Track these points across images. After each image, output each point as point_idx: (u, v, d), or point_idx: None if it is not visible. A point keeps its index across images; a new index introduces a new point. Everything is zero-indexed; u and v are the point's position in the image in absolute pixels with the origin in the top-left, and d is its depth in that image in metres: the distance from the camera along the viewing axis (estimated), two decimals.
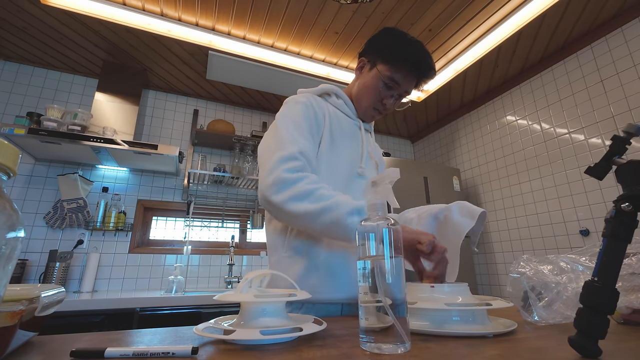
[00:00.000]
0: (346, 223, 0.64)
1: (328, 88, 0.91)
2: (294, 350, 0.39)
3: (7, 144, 0.30)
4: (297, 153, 0.71)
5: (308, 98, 0.84)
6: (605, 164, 0.40)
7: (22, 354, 0.37)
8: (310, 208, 0.65)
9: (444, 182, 2.52)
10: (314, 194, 0.66)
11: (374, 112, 0.89)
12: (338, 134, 0.85)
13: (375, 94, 0.86)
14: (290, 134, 0.74)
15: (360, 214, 0.64)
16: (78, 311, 1.48)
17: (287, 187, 0.67)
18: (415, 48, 0.82)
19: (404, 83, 0.83)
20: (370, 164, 0.91)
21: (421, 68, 0.82)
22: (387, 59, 0.83)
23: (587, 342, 0.34)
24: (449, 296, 0.53)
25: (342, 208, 0.64)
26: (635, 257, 0.55)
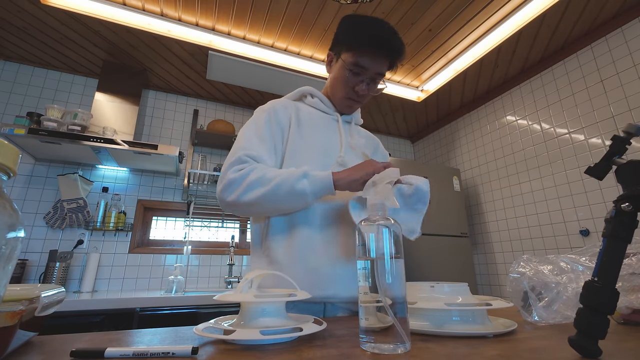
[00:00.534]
0: (298, 189, 0.70)
1: (303, 90, 0.94)
2: (294, 350, 0.39)
3: (7, 144, 0.30)
4: (244, 156, 0.75)
5: (274, 104, 0.87)
6: (605, 164, 0.40)
7: (22, 354, 0.37)
8: (263, 191, 0.71)
9: (444, 182, 2.52)
10: (263, 178, 0.71)
11: (349, 102, 0.89)
12: (310, 130, 0.86)
13: (344, 83, 0.85)
14: (245, 141, 0.79)
15: (305, 177, 0.71)
16: (78, 311, 1.48)
17: (237, 185, 0.72)
18: (373, 27, 0.80)
19: (370, 65, 0.81)
20: (352, 154, 0.90)
21: (384, 45, 0.79)
22: (348, 46, 0.82)
23: (587, 342, 0.34)
24: (449, 296, 0.53)
25: (289, 179, 0.71)
26: (635, 257, 0.55)
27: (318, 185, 0.71)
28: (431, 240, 2.31)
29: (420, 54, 2.28)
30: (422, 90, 2.68)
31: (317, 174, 0.72)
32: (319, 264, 0.74)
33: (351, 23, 0.83)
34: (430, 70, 2.47)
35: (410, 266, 2.17)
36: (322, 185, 0.71)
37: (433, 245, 2.30)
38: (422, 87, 2.65)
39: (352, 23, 0.83)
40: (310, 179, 0.71)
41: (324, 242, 0.77)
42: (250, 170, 0.73)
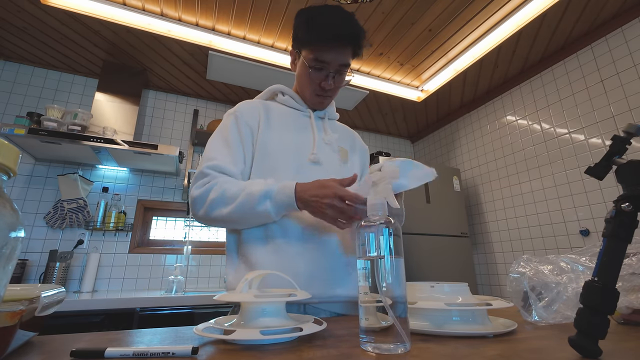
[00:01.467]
0: (259, 212, 0.69)
1: (275, 88, 0.92)
2: (294, 350, 0.39)
3: (7, 144, 0.30)
4: (206, 169, 0.75)
5: (240, 106, 0.86)
6: (606, 164, 0.40)
7: (22, 354, 0.37)
8: (228, 211, 0.70)
9: (444, 182, 2.52)
10: (223, 197, 0.70)
11: (318, 98, 0.87)
12: (280, 128, 0.84)
13: (309, 81, 0.83)
14: (211, 151, 0.79)
15: (267, 197, 0.69)
16: (78, 311, 1.48)
17: (202, 202, 0.72)
18: (326, 19, 0.76)
19: (331, 58, 0.78)
20: (327, 150, 0.87)
21: (340, 36, 0.76)
22: (306, 42, 0.80)
23: (587, 342, 0.34)
24: (449, 296, 0.53)
25: (251, 200, 0.69)
26: (635, 257, 0.55)
27: (282, 208, 0.69)
28: (431, 240, 2.30)
29: (420, 54, 2.28)
30: (422, 90, 2.68)
31: (280, 196, 0.68)
32: (297, 266, 0.72)
33: (304, 18, 0.80)
34: (430, 70, 2.47)
35: (410, 266, 2.17)
36: (286, 207, 0.69)
37: (433, 245, 2.30)
38: (422, 87, 2.65)
39: (305, 18, 0.80)
40: (272, 201, 0.69)
41: (301, 243, 0.75)
42: (211, 187, 0.72)
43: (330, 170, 0.85)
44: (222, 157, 0.77)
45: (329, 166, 0.85)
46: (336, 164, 0.88)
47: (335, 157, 0.88)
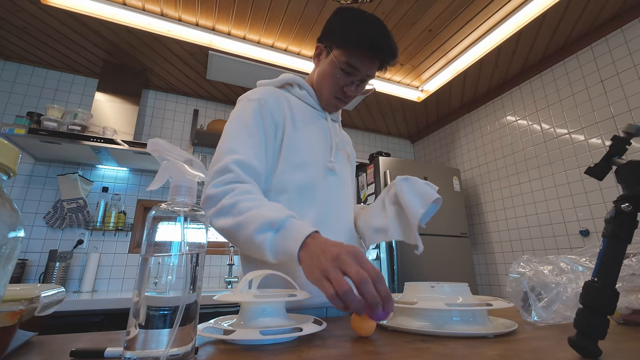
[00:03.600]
0: (255, 242, 0.56)
1: (290, 78, 0.85)
2: (294, 350, 0.39)
3: (7, 143, 0.30)
4: (231, 164, 0.66)
5: (263, 94, 0.77)
6: (605, 165, 0.40)
7: (22, 354, 0.37)
8: (228, 224, 0.60)
9: (444, 182, 2.52)
10: (235, 207, 0.60)
11: (336, 101, 0.83)
12: (303, 128, 0.78)
13: (333, 82, 0.79)
14: (232, 141, 0.70)
15: (272, 228, 0.55)
16: (78, 311, 1.47)
17: (214, 202, 0.63)
18: (371, 27, 0.74)
19: (362, 67, 0.76)
20: (341, 156, 0.85)
21: (379, 48, 0.74)
22: (341, 42, 0.76)
23: (587, 343, 0.34)
24: (449, 296, 0.53)
25: (253, 223, 0.56)
26: (635, 257, 0.55)
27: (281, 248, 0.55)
28: (431, 240, 2.30)
29: (420, 54, 2.28)
30: (422, 90, 2.68)
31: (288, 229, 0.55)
32: None
33: (347, 18, 0.77)
34: (430, 71, 2.47)
35: (410, 266, 2.17)
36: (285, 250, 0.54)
37: (433, 245, 2.30)
38: (422, 87, 2.65)
39: (348, 18, 0.76)
40: (277, 234, 0.55)
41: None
42: (229, 192, 0.63)
43: (343, 179, 0.84)
44: (245, 150, 0.69)
45: (342, 174, 0.84)
46: (347, 173, 0.88)
47: (346, 165, 0.88)
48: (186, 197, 0.37)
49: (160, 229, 0.35)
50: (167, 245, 0.34)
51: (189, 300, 0.33)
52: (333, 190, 0.80)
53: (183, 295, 0.32)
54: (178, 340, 0.31)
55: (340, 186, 0.83)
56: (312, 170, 0.77)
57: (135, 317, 0.31)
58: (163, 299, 0.33)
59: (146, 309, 0.32)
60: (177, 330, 0.31)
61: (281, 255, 0.55)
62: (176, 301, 0.32)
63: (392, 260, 2.15)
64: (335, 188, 0.81)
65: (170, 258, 0.34)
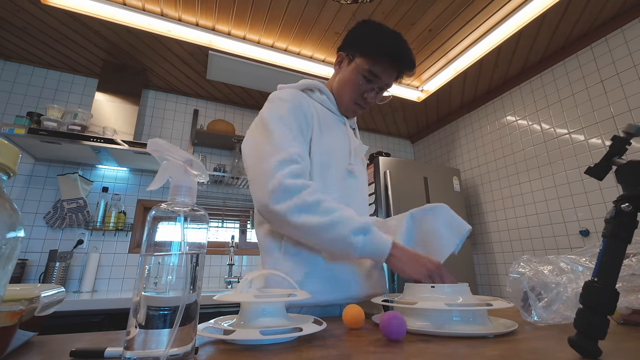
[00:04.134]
0: (350, 241, 0.64)
1: (311, 83, 0.87)
2: (294, 350, 0.39)
3: (7, 143, 0.30)
4: (296, 155, 0.69)
5: (294, 96, 0.80)
6: (605, 165, 0.40)
7: (22, 354, 0.37)
8: (315, 222, 0.63)
9: (444, 182, 2.52)
10: (320, 206, 0.64)
11: (356, 107, 0.87)
12: (327, 132, 0.82)
13: (355, 88, 0.83)
14: (284, 135, 0.71)
15: (365, 233, 0.64)
16: (78, 311, 1.47)
17: (291, 195, 0.64)
18: (394, 39, 0.80)
19: (384, 76, 0.81)
20: (358, 161, 0.89)
21: (400, 59, 0.80)
22: (365, 51, 0.80)
23: (587, 343, 0.34)
24: (450, 296, 0.53)
25: (347, 225, 0.64)
26: (635, 257, 0.55)
27: (370, 249, 0.65)
28: None
29: (420, 54, 2.28)
30: (422, 90, 2.68)
31: (377, 238, 0.65)
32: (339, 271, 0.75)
33: (371, 29, 0.82)
34: (430, 71, 2.47)
35: None
36: (375, 253, 0.65)
37: None
38: (422, 87, 2.65)
39: (372, 29, 0.82)
40: (368, 238, 0.65)
41: None
42: (306, 187, 0.66)
43: (362, 181, 0.90)
44: (298, 144, 0.72)
45: (360, 177, 0.89)
46: (364, 176, 0.93)
47: (363, 169, 0.93)
48: (186, 197, 0.37)
49: (160, 229, 0.35)
50: (167, 245, 0.34)
51: (189, 300, 0.33)
52: (353, 191, 0.84)
53: (183, 295, 0.32)
54: (178, 340, 0.31)
55: (358, 188, 0.88)
56: (334, 171, 0.81)
57: (135, 317, 0.31)
58: (163, 299, 0.33)
59: (146, 309, 0.32)
60: (177, 330, 0.31)
61: (368, 254, 0.66)
62: (176, 301, 0.32)
63: None
64: (354, 190, 0.85)
65: (170, 258, 0.34)
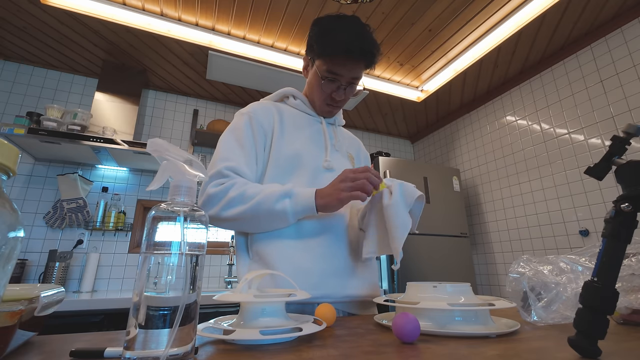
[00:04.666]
0: (279, 209, 0.69)
1: (286, 91, 0.92)
2: (294, 350, 0.39)
3: (7, 143, 0.30)
4: (225, 169, 0.74)
5: (252, 107, 0.85)
6: (605, 165, 0.40)
7: (21, 353, 0.37)
8: (244, 209, 0.70)
9: (444, 182, 2.52)
10: (244, 195, 0.70)
11: (328, 107, 0.88)
12: (294, 133, 0.85)
13: (320, 90, 0.84)
14: (225, 151, 0.78)
15: (288, 196, 0.70)
16: (78, 311, 1.47)
17: (218, 200, 0.71)
18: (344, 32, 0.76)
19: (344, 72, 0.79)
20: (338, 156, 0.89)
21: (354, 51, 0.76)
22: (320, 53, 0.80)
23: (587, 343, 0.34)
24: (452, 296, 0.53)
25: (270, 197, 0.70)
26: (635, 257, 0.55)
27: (300, 207, 0.70)
28: (431, 240, 2.31)
29: (420, 54, 2.28)
30: (422, 90, 2.68)
31: (300, 194, 0.70)
32: (310, 264, 0.73)
33: (321, 28, 0.80)
34: (430, 70, 2.47)
35: (410, 266, 2.17)
36: (304, 207, 0.70)
37: (433, 245, 2.30)
38: (422, 87, 2.65)
39: (321, 28, 0.80)
40: (293, 199, 0.70)
41: (313, 242, 0.76)
42: (231, 186, 0.72)
43: None
44: (237, 159, 0.77)
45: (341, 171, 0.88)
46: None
47: (346, 163, 0.91)
48: (186, 197, 0.37)
49: (160, 229, 0.35)
50: (167, 245, 0.34)
51: (188, 300, 0.33)
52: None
53: (183, 295, 0.32)
54: (178, 340, 0.31)
55: None
56: (306, 168, 0.81)
57: (135, 317, 0.31)
58: (163, 299, 0.32)
59: (146, 309, 0.32)
60: (176, 330, 0.31)
61: (300, 212, 0.71)
62: (176, 301, 0.32)
63: (392, 260, 2.15)
64: None
65: (170, 258, 0.34)
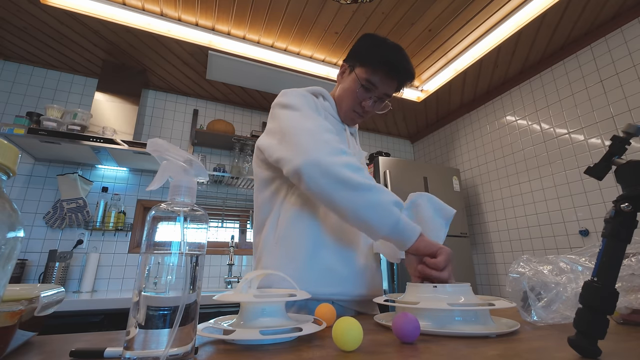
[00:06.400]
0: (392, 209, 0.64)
1: (317, 90, 0.93)
2: (294, 350, 0.39)
3: (7, 143, 0.30)
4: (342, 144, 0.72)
5: (308, 93, 0.87)
6: (605, 164, 0.40)
7: (21, 353, 0.37)
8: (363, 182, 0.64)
9: (444, 182, 2.52)
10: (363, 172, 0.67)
11: (354, 115, 0.91)
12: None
13: (353, 96, 0.87)
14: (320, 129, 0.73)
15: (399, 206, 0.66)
16: (78, 311, 1.47)
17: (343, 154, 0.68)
18: (392, 51, 0.83)
19: (381, 85, 0.84)
20: None
21: (397, 70, 0.83)
22: (364, 62, 0.85)
23: (587, 343, 0.34)
24: (452, 296, 0.53)
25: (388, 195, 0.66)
26: (635, 257, 0.55)
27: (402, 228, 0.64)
28: None
29: (420, 54, 2.28)
30: (422, 90, 2.68)
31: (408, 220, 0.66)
32: (331, 261, 0.75)
33: (372, 41, 0.86)
34: (430, 70, 2.47)
35: None
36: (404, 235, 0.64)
37: None
38: (422, 87, 2.65)
39: (372, 41, 0.86)
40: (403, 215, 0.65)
41: (336, 240, 0.78)
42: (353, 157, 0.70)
43: None
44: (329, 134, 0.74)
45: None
46: None
47: None
48: (186, 197, 0.37)
49: (160, 229, 0.35)
50: (167, 245, 0.34)
51: (188, 300, 0.33)
52: None
53: (183, 295, 0.32)
54: (178, 340, 0.31)
55: None
56: None
57: (135, 317, 0.31)
58: (163, 299, 0.32)
59: (146, 309, 0.32)
60: (176, 330, 0.31)
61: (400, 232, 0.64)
62: (176, 301, 0.32)
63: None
64: None
65: (170, 258, 0.33)
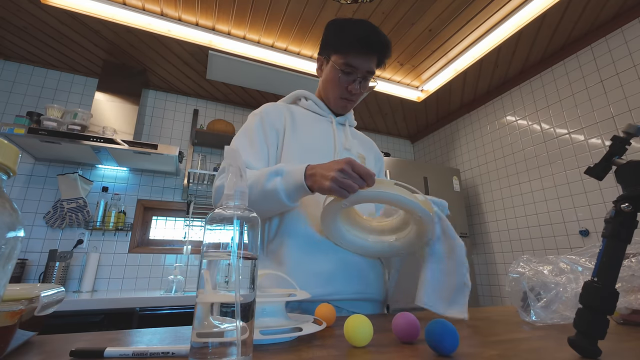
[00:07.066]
0: (270, 188, 0.67)
1: (297, 93, 0.96)
2: (294, 350, 0.39)
3: (7, 143, 0.30)
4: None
5: (265, 108, 0.89)
6: (605, 165, 0.40)
7: (21, 353, 0.37)
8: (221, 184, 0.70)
9: (444, 182, 2.52)
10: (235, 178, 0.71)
11: (343, 101, 0.91)
12: (305, 132, 0.88)
13: (336, 84, 0.87)
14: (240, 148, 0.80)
15: (279, 174, 0.67)
16: (78, 311, 1.48)
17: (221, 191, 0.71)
18: (359, 28, 0.83)
19: (360, 64, 0.84)
20: (347, 155, 0.90)
21: (370, 44, 0.82)
22: (336, 48, 0.85)
23: (587, 343, 0.34)
24: None
25: (261, 178, 0.69)
26: (635, 258, 0.55)
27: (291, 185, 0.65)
28: None
29: (420, 54, 2.28)
30: (422, 90, 2.68)
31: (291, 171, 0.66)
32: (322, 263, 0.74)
33: (337, 26, 0.86)
34: (430, 70, 2.47)
35: None
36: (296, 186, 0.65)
37: None
38: (422, 87, 2.65)
39: (338, 26, 0.86)
40: (284, 177, 0.67)
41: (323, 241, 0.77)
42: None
43: None
44: (245, 155, 0.79)
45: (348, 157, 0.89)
46: None
47: None
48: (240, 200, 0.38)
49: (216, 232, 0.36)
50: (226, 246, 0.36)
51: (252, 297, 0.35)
52: None
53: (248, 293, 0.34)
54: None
55: None
56: None
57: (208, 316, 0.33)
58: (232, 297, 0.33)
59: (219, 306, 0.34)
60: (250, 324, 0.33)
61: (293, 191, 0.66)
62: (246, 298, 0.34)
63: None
64: None
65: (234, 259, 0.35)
